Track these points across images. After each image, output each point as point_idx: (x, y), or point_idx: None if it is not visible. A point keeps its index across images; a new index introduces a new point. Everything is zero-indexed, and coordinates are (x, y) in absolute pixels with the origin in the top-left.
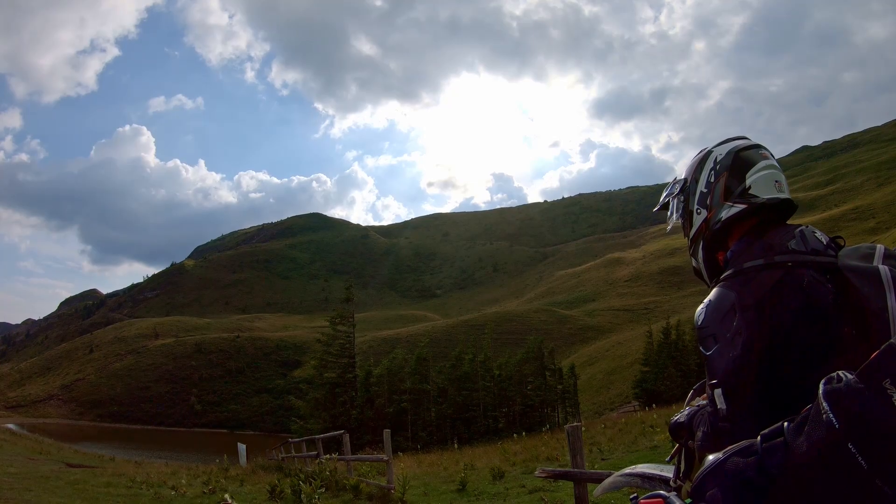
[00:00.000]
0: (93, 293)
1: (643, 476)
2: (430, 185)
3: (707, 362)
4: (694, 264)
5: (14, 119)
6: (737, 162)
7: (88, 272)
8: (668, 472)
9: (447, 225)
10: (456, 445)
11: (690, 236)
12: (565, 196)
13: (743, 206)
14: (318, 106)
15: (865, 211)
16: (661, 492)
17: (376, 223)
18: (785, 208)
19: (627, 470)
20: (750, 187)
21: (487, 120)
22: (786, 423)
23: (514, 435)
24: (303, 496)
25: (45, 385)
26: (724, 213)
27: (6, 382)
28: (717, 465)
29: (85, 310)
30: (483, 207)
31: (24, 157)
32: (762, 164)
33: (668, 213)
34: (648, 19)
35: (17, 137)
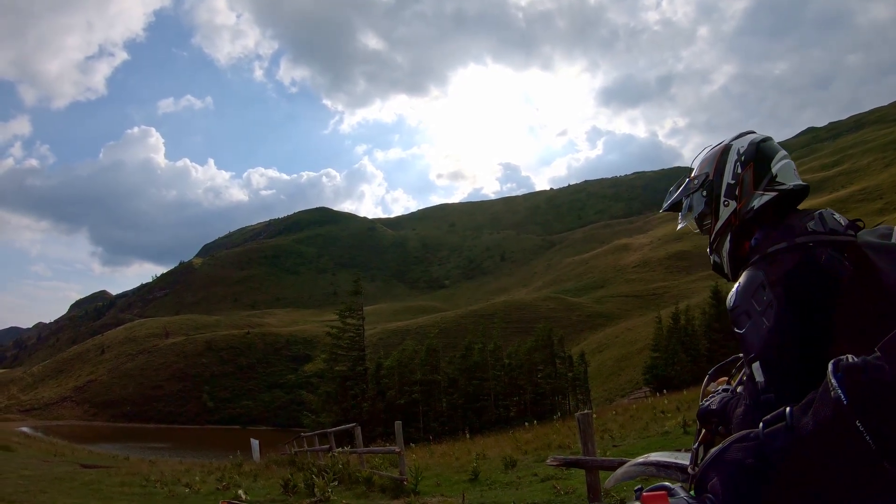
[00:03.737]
0: (102, 294)
1: (658, 465)
2: (439, 176)
3: (742, 340)
4: (716, 259)
5: (23, 126)
6: (760, 153)
7: (99, 274)
8: (682, 459)
9: (453, 215)
10: (467, 435)
11: (717, 229)
12: (571, 183)
13: (774, 194)
14: (327, 102)
15: (873, 191)
16: (666, 483)
17: (385, 216)
18: (802, 194)
19: (641, 459)
20: (777, 175)
21: (495, 110)
22: (788, 409)
23: (526, 423)
24: (316, 490)
25: (58, 387)
26: (757, 202)
27: (19, 386)
28: (718, 454)
29: (95, 311)
30: (492, 197)
31: (33, 162)
32: (781, 153)
33: (682, 212)
34: (651, 6)
35: (26, 144)
